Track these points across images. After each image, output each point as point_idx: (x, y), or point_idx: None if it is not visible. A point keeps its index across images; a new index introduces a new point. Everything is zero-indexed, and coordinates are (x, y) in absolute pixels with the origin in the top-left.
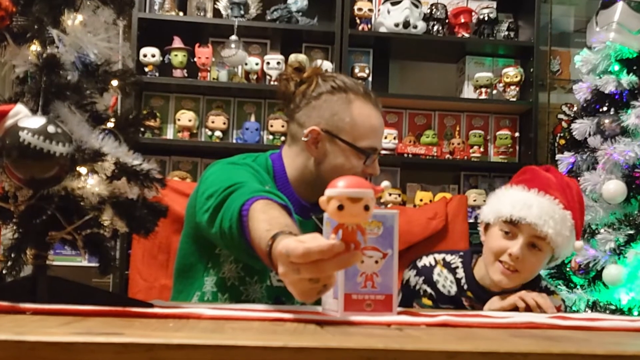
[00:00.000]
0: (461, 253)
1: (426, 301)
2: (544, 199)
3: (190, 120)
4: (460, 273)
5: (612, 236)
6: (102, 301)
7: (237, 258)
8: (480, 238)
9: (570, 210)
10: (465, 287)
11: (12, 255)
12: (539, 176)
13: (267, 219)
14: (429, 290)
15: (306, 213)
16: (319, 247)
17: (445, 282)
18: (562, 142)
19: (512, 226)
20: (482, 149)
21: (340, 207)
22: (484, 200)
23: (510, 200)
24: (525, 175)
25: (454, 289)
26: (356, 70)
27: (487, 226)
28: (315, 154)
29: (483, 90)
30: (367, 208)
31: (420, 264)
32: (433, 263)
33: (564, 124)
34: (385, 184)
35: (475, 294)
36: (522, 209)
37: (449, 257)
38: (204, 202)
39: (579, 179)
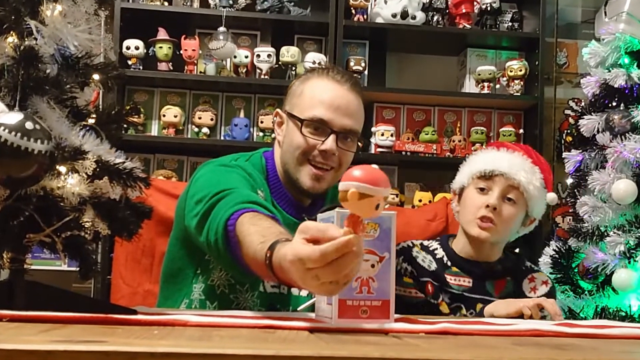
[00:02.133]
0: (437, 238)
1: (407, 280)
2: (513, 155)
3: (175, 116)
4: (440, 252)
5: (622, 239)
6: (82, 307)
7: None
8: (454, 209)
9: (538, 166)
10: (449, 263)
11: None
12: (506, 144)
13: (258, 231)
14: (409, 268)
15: (301, 215)
16: (334, 246)
17: (425, 258)
18: (569, 139)
19: (487, 180)
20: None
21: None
22: None
23: (482, 159)
24: (493, 145)
25: (434, 265)
26: (351, 64)
27: (460, 194)
28: (280, 137)
29: (485, 84)
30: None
31: (398, 247)
32: (411, 245)
33: (571, 120)
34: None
35: (460, 267)
36: (494, 162)
37: (426, 242)
38: (193, 206)
39: (586, 178)
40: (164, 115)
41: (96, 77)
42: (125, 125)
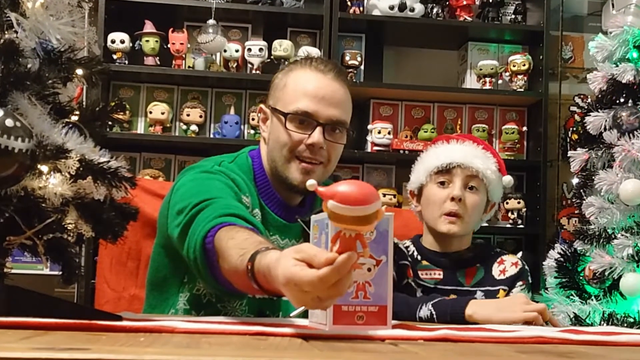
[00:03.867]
0: (410, 239)
1: None
2: (465, 145)
3: (163, 113)
4: (412, 249)
5: (630, 241)
6: (65, 313)
7: None
8: (415, 210)
9: (488, 151)
10: (419, 257)
11: None
12: (452, 136)
13: (236, 244)
14: None
15: (291, 215)
16: (335, 270)
17: (403, 248)
18: (575, 137)
19: (445, 174)
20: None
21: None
22: None
23: (435, 154)
24: (440, 139)
25: (405, 260)
26: (347, 58)
27: (419, 194)
28: (265, 133)
29: (487, 79)
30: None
31: None
32: None
33: (577, 117)
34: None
35: (430, 260)
36: (448, 155)
37: (400, 242)
38: (175, 216)
39: (593, 178)
40: (150, 112)
41: (79, 72)
42: (110, 123)
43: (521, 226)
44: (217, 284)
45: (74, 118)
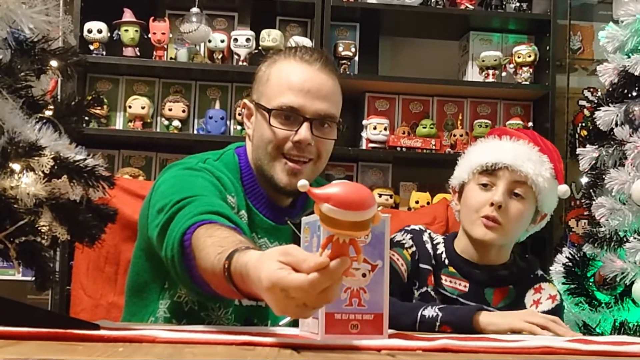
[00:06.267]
0: (444, 235)
1: (406, 253)
2: (518, 144)
3: (143, 108)
4: (441, 248)
5: None
6: (39, 321)
7: None
8: (454, 208)
9: (546, 154)
10: (447, 262)
11: None
12: (509, 130)
13: (215, 242)
14: (414, 247)
15: (280, 217)
16: (326, 275)
17: (430, 249)
18: (584, 133)
19: (489, 175)
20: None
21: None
22: None
23: (483, 150)
24: (494, 132)
25: (433, 261)
26: (340, 49)
27: (461, 191)
28: (250, 130)
29: (490, 72)
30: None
31: (409, 228)
32: (423, 228)
33: (586, 112)
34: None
35: (458, 268)
36: (496, 154)
37: (434, 234)
38: (155, 216)
39: (603, 176)
40: (130, 107)
41: (54, 63)
42: (86, 118)
43: None
44: (194, 286)
45: (48, 113)
